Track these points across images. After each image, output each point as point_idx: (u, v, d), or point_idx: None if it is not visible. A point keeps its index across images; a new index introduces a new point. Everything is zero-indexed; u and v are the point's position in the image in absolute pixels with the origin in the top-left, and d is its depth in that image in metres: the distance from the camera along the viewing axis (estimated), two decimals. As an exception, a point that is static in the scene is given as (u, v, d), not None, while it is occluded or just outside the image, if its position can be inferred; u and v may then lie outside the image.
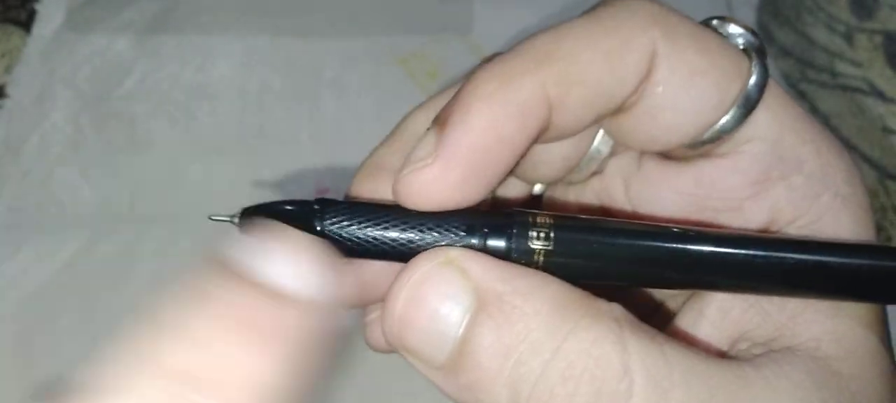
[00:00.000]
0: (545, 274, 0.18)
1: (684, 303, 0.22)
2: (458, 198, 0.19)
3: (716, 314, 0.21)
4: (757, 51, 0.21)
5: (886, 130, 0.48)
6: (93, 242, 0.43)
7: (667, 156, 0.22)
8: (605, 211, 0.25)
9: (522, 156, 0.20)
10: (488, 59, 0.20)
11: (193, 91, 0.50)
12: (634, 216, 0.24)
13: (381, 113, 0.48)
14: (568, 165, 0.23)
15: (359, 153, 0.47)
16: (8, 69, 0.52)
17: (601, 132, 0.23)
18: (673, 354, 0.17)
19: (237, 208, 0.20)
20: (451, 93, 0.20)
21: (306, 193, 0.44)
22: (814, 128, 0.21)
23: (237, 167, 0.46)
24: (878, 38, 0.52)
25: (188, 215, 0.43)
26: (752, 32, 0.22)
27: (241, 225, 0.20)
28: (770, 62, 0.25)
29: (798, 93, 0.50)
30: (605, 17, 0.20)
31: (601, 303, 0.18)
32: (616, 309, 0.18)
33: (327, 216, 0.19)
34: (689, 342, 0.21)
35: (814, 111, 0.49)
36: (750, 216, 0.22)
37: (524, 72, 0.19)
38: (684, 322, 0.22)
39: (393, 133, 0.25)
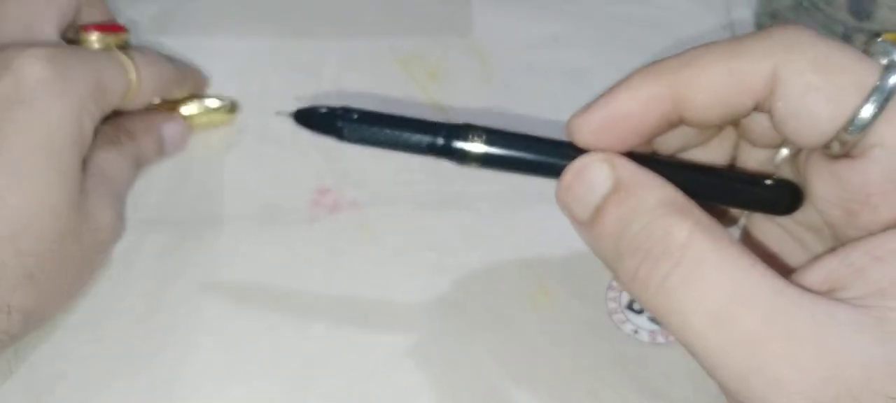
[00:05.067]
0: (661, 178, 0.26)
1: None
2: (597, 140, 0.27)
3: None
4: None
5: (884, 130, 0.48)
6: (93, 243, 0.43)
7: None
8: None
9: (659, 129, 0.28)
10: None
11: (194, 91, 0.50)
12: None
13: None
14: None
15: (358, 153, 0.47)
16: (8, 70, 0.52)
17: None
18: (726, 245, 0.24)
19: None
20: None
21: (306, 192, 0.45)
22: None
23: (237, 167, 0.46)
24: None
25: (190, 219, 0.43)
26: None
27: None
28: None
29: (796, 93, 0.50)
30: (743, 42, 0.26)
31: (692, 207, 0.25)
32: (701, 215, 0.25)
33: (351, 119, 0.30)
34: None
35: (812, 111, 0.49)
36: (882, 214, 0.26)
37: (661, 74, 0.27)
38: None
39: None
